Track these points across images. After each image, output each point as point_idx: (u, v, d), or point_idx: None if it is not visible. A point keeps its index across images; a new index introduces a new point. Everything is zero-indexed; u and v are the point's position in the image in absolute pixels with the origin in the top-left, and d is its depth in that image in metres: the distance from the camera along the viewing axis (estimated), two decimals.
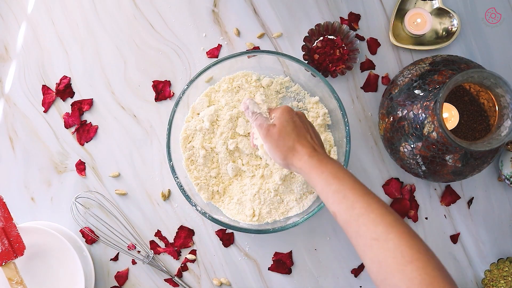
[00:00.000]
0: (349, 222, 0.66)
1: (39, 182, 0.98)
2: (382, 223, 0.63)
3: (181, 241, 0.97)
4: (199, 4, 0.99)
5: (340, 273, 0.96)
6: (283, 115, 0.77)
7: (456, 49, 0.97)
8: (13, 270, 0.87)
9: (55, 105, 0.99)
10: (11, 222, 0.88)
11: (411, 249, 0.61)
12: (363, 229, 0.64)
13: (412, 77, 0.85)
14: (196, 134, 0.92)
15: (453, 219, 0.97)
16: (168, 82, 0.98)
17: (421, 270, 0.59)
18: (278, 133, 0.76)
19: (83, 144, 0.98)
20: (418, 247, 0.61)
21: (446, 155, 0.82)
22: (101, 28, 0.99)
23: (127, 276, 0.97)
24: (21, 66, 0.99)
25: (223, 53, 0.98)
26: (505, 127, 0.75)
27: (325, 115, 0.93)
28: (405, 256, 0.60)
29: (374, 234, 0.63)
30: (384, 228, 0.63)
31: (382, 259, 0.61)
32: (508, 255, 0.97)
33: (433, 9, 0.96)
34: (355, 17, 0.98)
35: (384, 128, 0.88)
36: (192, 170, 0.92)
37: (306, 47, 0.96)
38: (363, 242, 0.64)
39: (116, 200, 0.97)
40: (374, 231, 0.63)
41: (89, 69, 0.99)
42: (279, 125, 0.77)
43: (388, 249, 0.61)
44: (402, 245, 0.61)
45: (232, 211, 0.92)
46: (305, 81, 0.93)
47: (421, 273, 0.59)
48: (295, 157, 0.75)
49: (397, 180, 0.96)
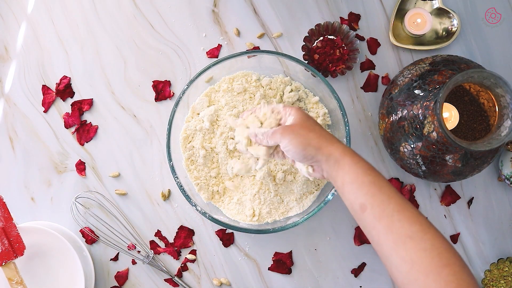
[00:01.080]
0: (382, 217, 0.63)
1: (39, 182, 0.98)
2: (417, 222, 0.61)
3: (181, 241, 0.97)
4: (199, 4, 0.99)
5: (340, 273, 0.96)
6: (299, 112, 0.73)
7: (456, 49, 0.97)
8: (13, 270, 0.87)
9: (55, 105, 0.99)
10: (11, 222, 0.88)
11: (448, 252, 0.59)
12: (397, 225, 0.61)
13: (412, 77, 0.85)
14: (196, 134, 0.92)
15: (453, 219, 0.97)
16: (168, 82, 0.98)
17: (458, 275, 0.58)
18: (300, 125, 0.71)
19: (83, 144, 0.98)
20: (454, 251, 0.60)
21: (446, 155, 0.82)
22: (101, 28, 0.99)
23: (127, 276, 0.97)
24: (21, 66, 0.99)
25: (223, 53, 0.98)
26: (505, 127, 0.75)
27: (325, 115, 0.93)
28: (442, 258, 0.58)
29: (410, 232, 0.60)
30: (420, 227, 0.61)
31: (417, 258, 0.59)
32: (508, 255, 0.97)
33: (433, 9, 0.96)
34: (355, 17, 0.98)
35: (384, 128, 0.88)
36: (192, 170, 0.92)
37: (306, 47, 0.96)
38: (395, 239, 0.61)
39: (116, 200, 0.97)
40: (410, 229, 0.61)
41: (89, 69, 0.99)
42: (299, 119, 0.72)
43: (424, 249, 0.59)
44: (440, 247, 0.59)
45: (232, 211, 0.92)
46: (305, 81, 0.93)
47: (458, 277, 0.58)
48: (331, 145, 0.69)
49: (397, 180, 0.96)
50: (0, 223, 0.88)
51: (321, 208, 0.86)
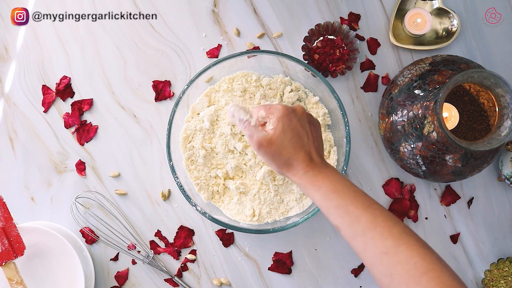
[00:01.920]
0: (355, 237, 0.64)
1: (39, 182, 0.98)
2: (390, 236, 0.62)
3: (181, 241, 0.97)
4: (199, 4, 0.99)
5: (340, 273, 0.96)
6: (280, 122, 0.70)
7: (456, 49, 0.97)
8: (13, 270, 0.87)
9: (55, 105, 0.99)
10: (11, 222, 0.88)
11: (424, 260, 0.60)
12: (370, 243, 0.63)
13: (412, 77, 0.85)
14: (196, 134, 0.92)
15: (453, 219, 0.97)
16: (168, 82, 0.98)
17: (438, 279, 0.58)
18: (274, 147, 0.70)
19: (83, 144, 0.98)
20: (431, 257, 0.60)
21: (446, 155, 0.82)
22: (101, 28, 0.99)
23: (127, 276, 0.97)
24: (21, 66, 0.99)
25: (223, 53, 0.98)
26: (505, 127, 0.75)
27: (325, 115, 0.93)
28: (419, 267, 0.59)
29: (384, 248, 0.62)
30: (393, 241, 0.62)
31: (394, 272, 0.60)
32: (508, 255, 0.97)
33: (433, 9, 0.96)
34: (355, 17, 0.98)
35: (384, 128, 0.88)
36: (192, 170, 0.92)
37: (306, 47, 0.96)
38: (371, 256, 0.63)
39: (116, 200, 0.97)
40: (383, 244, 0.62)
41: (89, 69, 0.99)
42: (274, 137, 0.70)
43: (399, 262, 0.60)
44: (414, 256, 0.60)
45: (232, 211, 0.92)
46: (305, 81, 0.93)
47: (437, 282, 0.58)
48: (290, 172, 0.71)
49: (397, 180, 0.96)
50: (0, 223, 0.88)
51: None
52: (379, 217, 0.64)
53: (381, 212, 0.65)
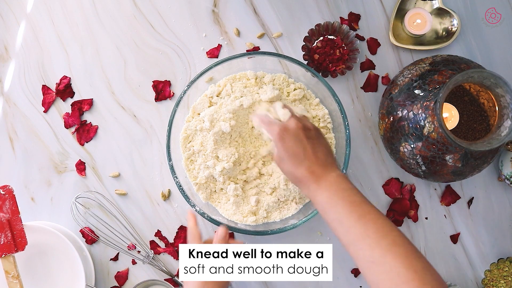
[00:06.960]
0: (348, 246, 0.70)
1: (39, 182, 0.98)
2: (378, 247, 0.66)
3: (181, 241, 0.97)
4: (199, 4, 0.99)
5: (340, 273, 0.96)
6: (277, 146, 0.78)
7: (456, 49, 0.97)
8: (12, 264, 0.87)
9: (55, 105, 0.99)
10: (18, 215, 0.88)
11: (407, 269, 0.64)
12: (360, 253, 0.68)
13: (412, 77, 0.85)
14: (196, 134, 0.92)
15: (453, 219, 0.97)
16: (168, 82, 0.98)
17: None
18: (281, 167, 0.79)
19: (83, 144, 0.98)
20: (415, 267, 0.64)
21: (446, 155, 0.82)
22: (101, 28, 0.99)
23: (127, 276, 0.97)
24: (21, 66, 0.99)
25: (223, 53, 0.98)
26: (505, 127, 0.75)
27: (325, 116, 0.93)
28: (401, 276, 0.63)
29: (371, 258, 0.66)
30: (380, 252, 0.66)
31: (380, 280, 0.65)
32: (508, 255, 0.97)
33: (433, 9, 0.96)
34: (355, 17, 0.98)
35: (384, 128, 0.88)
36: (192, 170, 0.92)
37: (306, 47, 0.96)
38: (362, 264, 0.68)
39: (116, 200, 0.97)
40: (371, 255, 0.67)
41: (89, 69, 0.99)
42: (277, 160, 0.79)
43: (384, 271, 0.65)
44: (399, 266, 0.64)
45: (229, 211, 0.92)
46: (305, 81, 0.93)
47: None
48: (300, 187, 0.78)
49: (397, 180, 0.96)
50: (7, 215, 0.88)
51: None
52: (370, 229, 0.68)
53: (374, 223, 0.69)
